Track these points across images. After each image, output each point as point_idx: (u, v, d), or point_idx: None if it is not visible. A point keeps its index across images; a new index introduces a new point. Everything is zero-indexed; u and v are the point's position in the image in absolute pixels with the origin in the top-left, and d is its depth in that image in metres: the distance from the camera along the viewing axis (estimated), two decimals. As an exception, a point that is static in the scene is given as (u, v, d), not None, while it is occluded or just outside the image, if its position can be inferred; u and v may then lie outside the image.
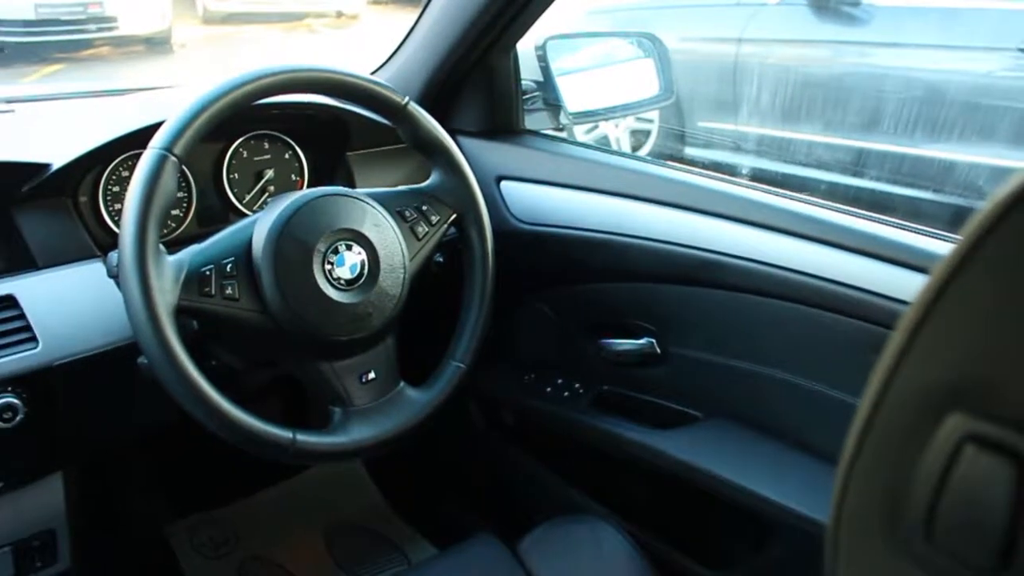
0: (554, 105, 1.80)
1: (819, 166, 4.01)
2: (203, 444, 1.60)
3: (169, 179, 1.10)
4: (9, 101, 1.71)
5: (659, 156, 4.49)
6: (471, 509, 2.13)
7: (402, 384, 1.28)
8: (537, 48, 1.76)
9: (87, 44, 7.84)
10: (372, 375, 1.24)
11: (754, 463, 1.41)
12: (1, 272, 1.31)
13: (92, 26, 7.70)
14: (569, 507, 1.81)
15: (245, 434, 1.11)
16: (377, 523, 2.21)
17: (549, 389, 1.71)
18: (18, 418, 1.21)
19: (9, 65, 7.49)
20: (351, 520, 2.22)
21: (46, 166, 1.32)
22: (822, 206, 1.33)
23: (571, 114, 1.78)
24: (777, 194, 1.38)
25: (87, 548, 1.52)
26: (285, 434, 1.14)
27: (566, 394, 1.68)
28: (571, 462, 1.80)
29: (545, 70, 1.76)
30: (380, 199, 1.25)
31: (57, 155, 1.34)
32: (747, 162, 4.34)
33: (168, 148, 1.10)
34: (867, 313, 1.20)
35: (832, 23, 4.15)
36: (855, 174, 3.91)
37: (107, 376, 1.28)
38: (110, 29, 7.80)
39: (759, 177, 4.01)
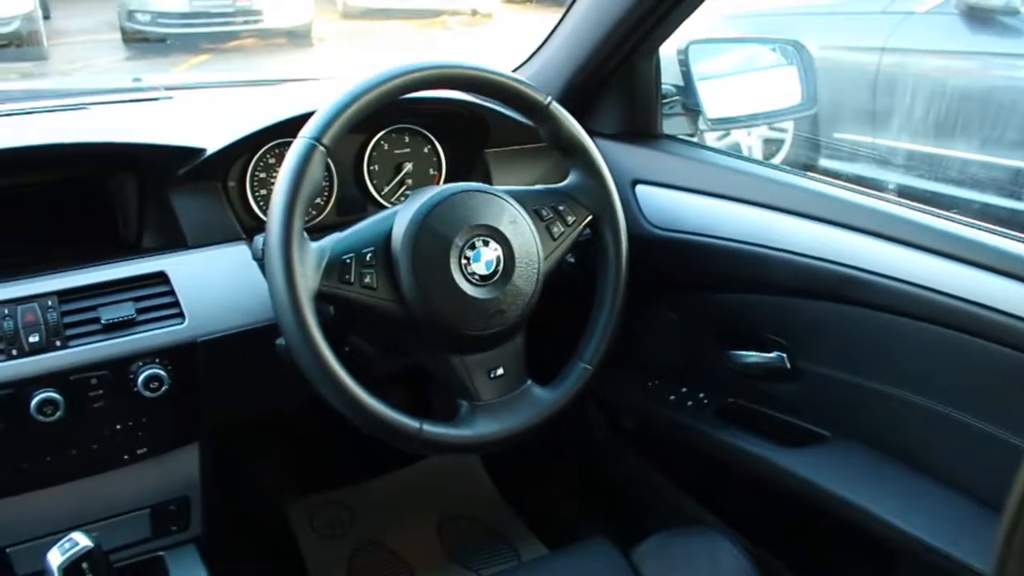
0: (693, 110, 1.78)
1: (969, 184, 3.83)
2: (328, 427, 1.66)
3: (317, 168, 1.13)
4: (168, 88, 1.80)
5: (792, 166, 4.37)
6: (583, 510, 2.12)
7: (529, 382, 1.29)
8: (679, 52, 1.74)
9: (233, 36, 8.16)
10: (500, 371, 1.25)
11: (883, 488, 1.36)
12: (155, 249, 1.38)
13: (239, 19, 8.02)
14: (684, 517, 1.79)
15: (374, 420, 1.14)
16: (489, 516, 2.23)
17: (672, 397, 1.69)
18: (163, 388, 1.28)
19: (164, 54, 7.87)
20: (463, 511, 2.24)
21: (201, 151, 1.38)
22: (972, 226, 1.27)
23: (710, 120, 1.76)
24: (923, 211, 1.32)
25: (216, 517, 1.58)
26: (413, 423, 1.16)
27: (689, 403, 1.66)
28: (689, 472, 1.78)
29: (686, 74, 1.75)
30: (518, 197, 1.26)
31: (211, 141, 1.40)
32: (889, 177, 4.19)
33: (317, 138, 1.13)
34: (1017, 342, 1.14)
35: (986, 33, 3.96)
36: (1011, 195, 3.71)
37: (246, 354, 1.33)
38: (256, 22, 8.10)
39: (901, 193, 3.86)
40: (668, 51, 1.70)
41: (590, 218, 1.33)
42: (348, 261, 1.15)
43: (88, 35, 8.73)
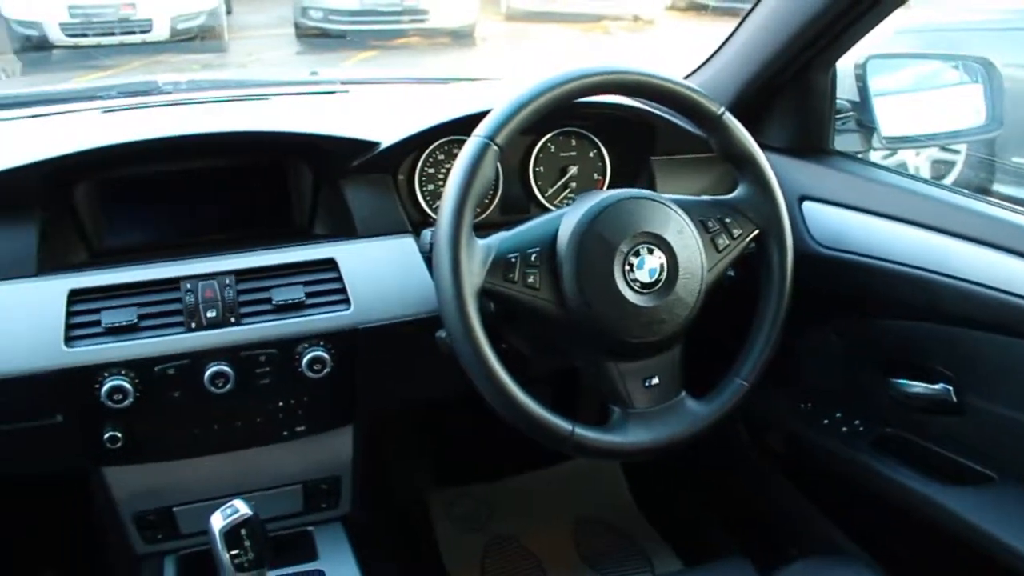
0: (866, 127, 1.72)
1: None
2: (473, 421, 1.68)
3: (489, 166, 1.15)
4: (344, 82, 1.87)
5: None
6: (721, 526, 2.08)
7: (683, 394, 1.27)
8: (856, 66, 1.69)
9: (399, 33, 8.39)
10: (656, 380, 1.25)
11: None
12: (325, 236, 1.44)
13: (406, 17, 8.25)
14: (829, 546, 1.73)
15: (528, 419, 1.15)
16: (624, 523, 2.22)
17: (826, 421, 1.63)
18: (325, 371, 1.33)
19: (333, 50, 8.18)
20: (599, 516, 2.24)
21: (375, 144, 1.43)
22: None
23: (885, 138, 1.69)
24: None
25: (363, 499, 1.63)
26: (565, 425, 1.17)
27: (844, 429, 1.60)
28: (838, 500, 1.72)
29: (862, 90, 1.68)
30: (684, 206, 1.25)
31: (385, 135, 1.44)
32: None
33: (491, 137, 1.15)
34: None
35: None
36: None
37: (406, 344, 1.37)
38: (421, 21, 8.32)
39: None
40: (843, 64, 1.65)
41: (756, 232, 1.30)
42: (513, 260, 1.17)
43: (264, 30, 9.17)
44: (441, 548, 2.11)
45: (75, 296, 1.28)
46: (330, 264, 1.37)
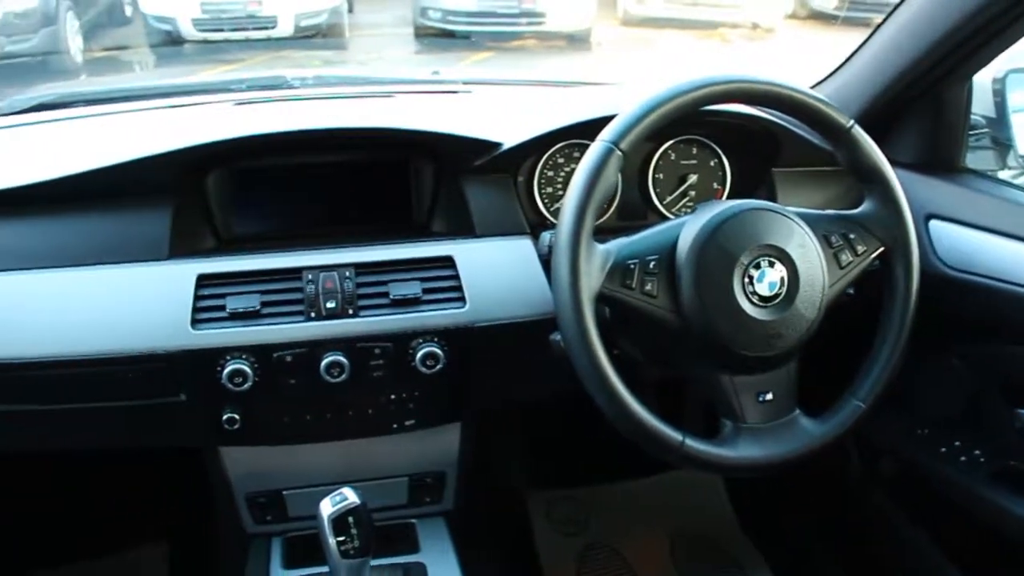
0: (1003, 145, 1.66)
1: None
2: (575, 423, 1.68)
3: (612, 172, 1.15)
4: (466, 83, 1.89)
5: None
6: (825, 550, 2.03)
7: (797, 411, 1.24)
8: (995, 81, 1.62)
9: (515, 35, 8.43)
10: (769, 396, 1.22)
11: None
12: (443, 234, 1.46)
13: (523, 20, 8.28)
14: (941, 579, 1.67)
15: (638, 426, 1.14)
16: (723, 539, 2.19)
17: (943, 449, 1.57)
18: (438, 367, 1.35)
19: (450, 50, 8.28)
20: (698, 529, 2.21)
21: (497, 145, 1.44)
22: None
23: (1022, 157, 1.62)
24: None
25: (466, 496, 1.65)
26: (675, 435, 1.16)
27: (963, 459, 1.54)
28: (951, 531, 1.66)
29: (1000, 105, 1.62)
30: (808, 220, 1.22)
31: (507, 136, 1.46)
32: None
33: (616, 142, 1.15)
34: None
35: None
36: None
37: (519, 344, 1.38)
38: (538, 24, 8.33)
39: None
40: (977, 78, 1.59)
41: (881, 250, 1.26)
42: (632, 266, 1.17)
43: (384, 29, 9.34)
44: (538, 549, 2.11)
45: (203, 281, 1.33)
46: (448, 262, 1.39)
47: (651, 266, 1.17)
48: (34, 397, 1.35)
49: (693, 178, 1.59)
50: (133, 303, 1.32)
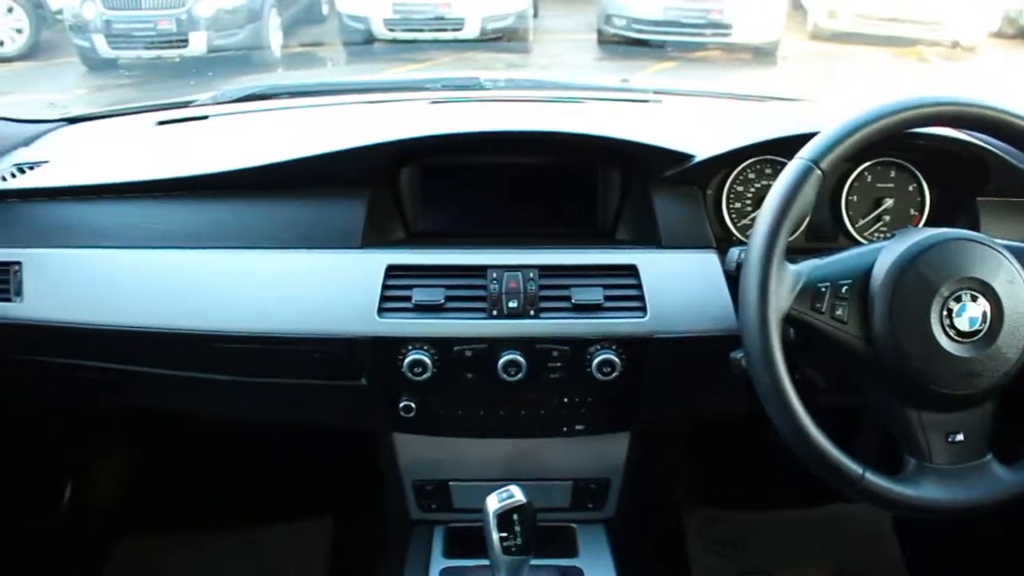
0: None
1: None
2: (745, 444, 1.64)
3: (810, 191, 1.12)
4: (657, 92, 1.88)
5: None
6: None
7: (989, 456, 1.17)
8: None
9: (700, 46, 8.32)
10: (960, 436, 1.16)
11: None
12: (628, 242, 1.46)
13: (709, 31, 8.16)
14: None
15: (818, 455, 1.11)
16: None
17: None
18: (613, 375, 1.35)
19: (632, 58, 8.26)
20: (861, 568, 2.12)
21: (689, 156, 1.43)
22: None
23: None
24: None
25: (627, 506, 1.64)
26: (855, 468, 1.11)
27: None
28: None
29: None
30: (1019, 254, 1.15)
31: (699, 148, 1.44)
32: None
33: (816, 161, 1.12)
34: None
35: None
36: None
37: (697, 359, 1.36)
38: (725, 35, 8.19)
39: None
40: None
41: None
42: (823, 289, 1.13)
43: (567, 34, 9.41)
44: (692, 568, 2.08)
45: (392, 271, 1.38)
46: (631, 270, 1.39)
47: (843, 290, 1.14)
48: (227, 368, 1.44)
49: (889, 202, 1.53)
50: (325, 288, 1.38)
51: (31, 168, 1.59)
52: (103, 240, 1.45)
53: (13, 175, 1.56)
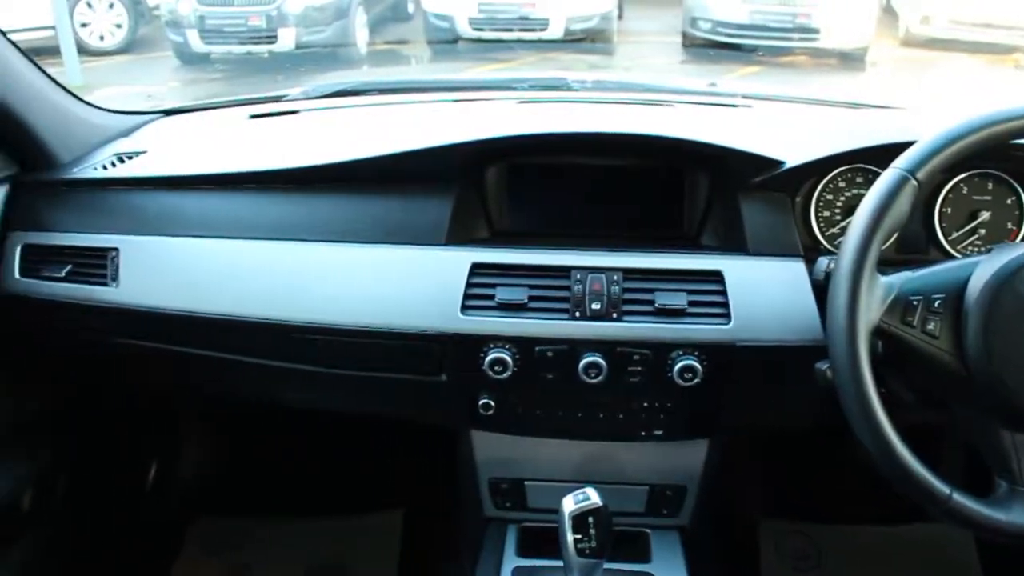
0: None
1: None
2: (824, 457, 1.61)
3: (905, 202, 1.10)
4: (746, 97, 1.86)
5: None
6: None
7: None
8: None
9: (786, 51, 8.20)
10: None
11: None
12: (713, 248, 1.45)
13: (796, 35, 8.04)
14: None
15: (904, 473, 1.09)
16: None
17: None
18: (695, 381, 1.34)
19: (716, 62, 8.18)
20: None
21: (779, 163, 1.41)
22: None
23: None
24: None
25: (702, 514, 1.63)
26: (943, 488, 1.09)
27: None
28: None
29: None
30: None
31: (789, 155, 1.42)
32: None
33: (912, 171, 1.10)
34: None
35: None
36: None
37: (781, 369, 1.35)
38: (812, 40, 8.05)
39: None
40: None
41: None
42: (915, 303, 1.11)
43: (651, 36, 9.37)
44: (763, 578, 2.05)
45: (476, 269, 1.39)
46: (716, 276, 1.37)
47: (936, 305, 1.11)
48: (310, 359, 1.46)
49: (985, 215, 1.48)
50: (409, 283, 1.40)
51: (130, 158, 1.64)
52: (197, 229, 1.49)
53: (113, 164, 1.61)
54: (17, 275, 1.52)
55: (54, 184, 1.58)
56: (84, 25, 8.58)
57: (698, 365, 1.33)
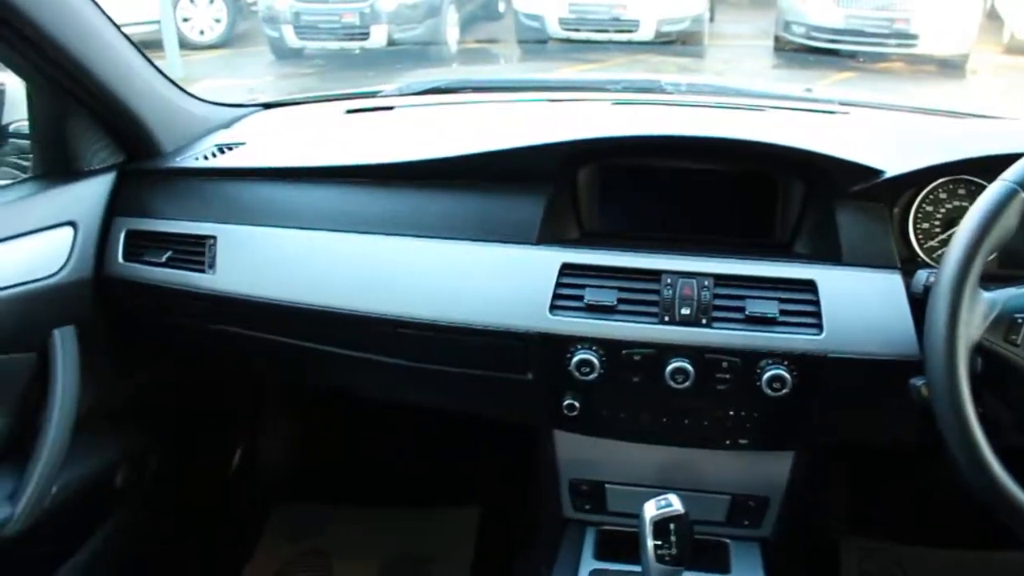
0: None
1: None
2: (915, 475, 1.57)
3: (1012, 216, 1.07)
4: (843, 103, 1.82)
5: None
6: None
7: None
8: None
9: (882, 57, 7.98)
10: None
11: None
12: (806, 256, 1.42)
13: (893, 41, 7.81)
14: None
15: (1000, 495, 1.06)
16: None
17: None
18: (783, 391, 1.32)
19: (808, 67, 8.02)
20: None
21: (879, 172, 1.37)
22: None
23: None
24: None
25: (784, 527, 1.60)
26: None
27: None
28: None
29: None
30: None
31: (889, 164, 1.38)
32: None
33: (1022, 184, 1.06)
34: None
35: None
36: None
37: (873, 383, 1.32)
38: (909, 46, 7.81)
39: None
40: None
41: None
42: (1019, 320, 1.08)
43: (742, 40, 9.24)
44: (845, 598, 2.01)
45: (566, 269, 1.39)
46: (809, 285, 1.35)
47: None
48: (398, 352, 1.48)
49: None
50: (499, 281, 1.41)
51: (230, 149, 1.69)
52: (292, 221, 1.53)
53: (214, 154, 1.66)
54: (121, 259, 1.58)
55: (158, 173, 1.63)
56: (186, 20, 8.90)
57: (788, 375, 1.31)
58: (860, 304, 1.33)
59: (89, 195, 1.58)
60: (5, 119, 1.62)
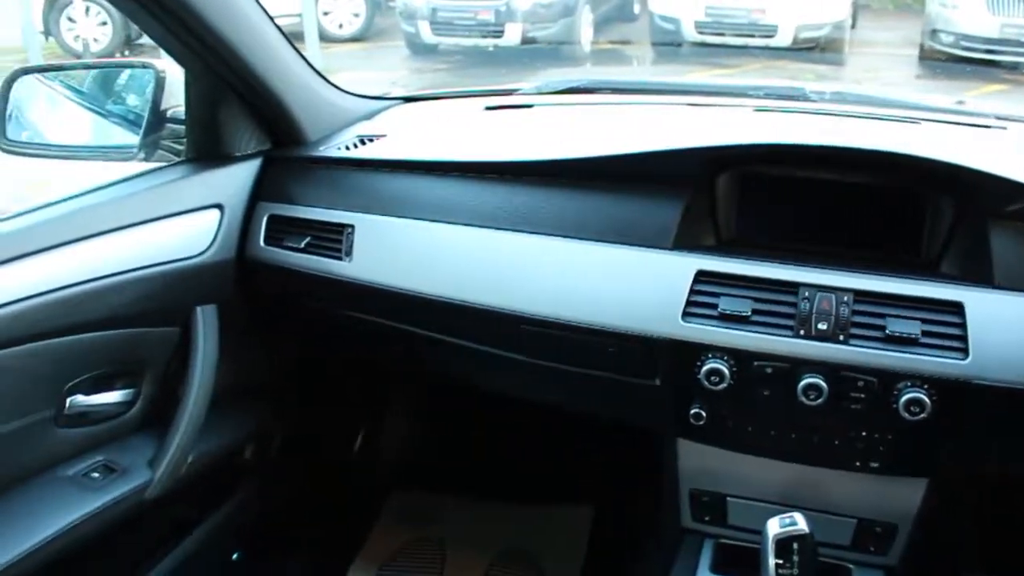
0: None
1: None
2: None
3: None
4: (1000, 118, 1.73)
5: None
6: None
7: None
8: None
9: (1036, 69, 7.58)
10: None
11: None
12: (953, 277, 1.35)
13: (1055, 53, 7.41)
14: None
15: None
16: None
17: None
18: (921, 416, 1.25)
19: (954, 77, 7.67)
20: None
21: None
22: None
23: None
24: None
25: (914, 558, 1.53)
26: None
27: None
28: None
29: None
30: None
31: None
32: None
33: None
34: None
35: None
36: None
37: (1020, 412, 1.25)
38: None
39: None
40: None
41: None
42: None
43: (885, 48, 8.92)
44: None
45: (701, 276, 1.37)
46: (955, 307, 1.28)
47: None
48: (525, 348, 1.49)
49: None
50: (631, 284, 1.40)
51: (371, 140, 1.73)
52: (428, 213, 1.55)
53: (355, 145, 1.70)
54: (262, 243, 1.64)
55: (301, 160, 1.69)
56: (326, 13, 9.17)
57: (927, 399, 1.25)
58: (1011, 330, 1.26)
59: (236, 179, 1.64)
60: (163, 105, 1.69)
